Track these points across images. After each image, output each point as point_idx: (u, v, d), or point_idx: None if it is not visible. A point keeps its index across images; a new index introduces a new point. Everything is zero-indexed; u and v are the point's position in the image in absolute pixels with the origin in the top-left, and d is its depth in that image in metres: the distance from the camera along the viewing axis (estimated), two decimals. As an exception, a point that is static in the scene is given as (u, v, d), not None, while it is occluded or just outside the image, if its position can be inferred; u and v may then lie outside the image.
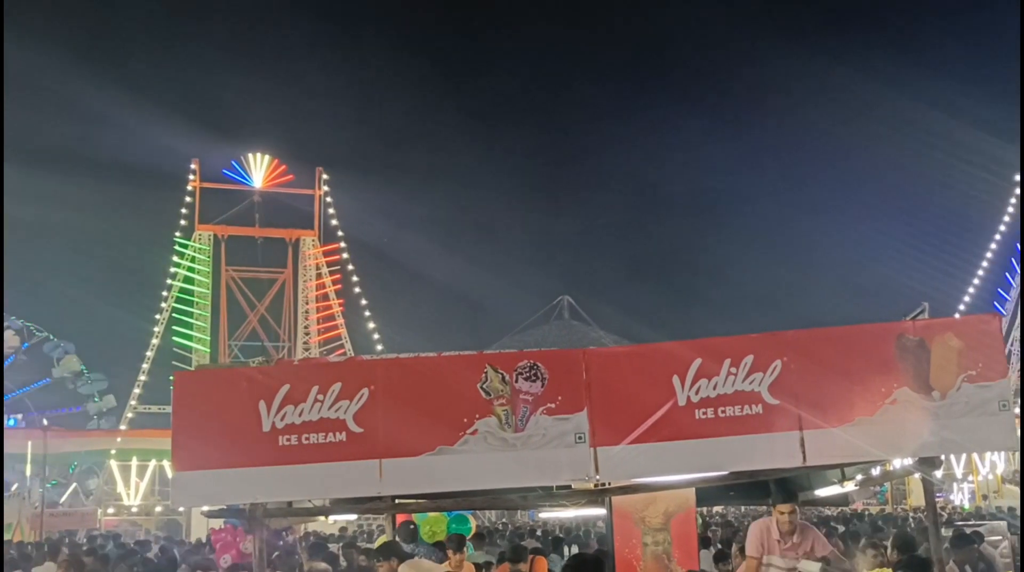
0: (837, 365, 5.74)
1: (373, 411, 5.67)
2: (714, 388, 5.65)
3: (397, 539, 10.64)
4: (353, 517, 29.13)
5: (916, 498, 39.69)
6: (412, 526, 11.02)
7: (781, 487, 8.01)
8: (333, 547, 16.27)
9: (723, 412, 5.63)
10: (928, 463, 5.97)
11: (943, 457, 6.64)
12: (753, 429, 5.63)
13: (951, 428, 5.62)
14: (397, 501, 6.95)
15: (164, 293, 53.05)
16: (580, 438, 5.60)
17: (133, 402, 50.27)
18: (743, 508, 33.45)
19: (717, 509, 32.42)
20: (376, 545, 11.85)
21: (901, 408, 5.63)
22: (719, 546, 12.47)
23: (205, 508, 6.62)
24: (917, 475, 6.24)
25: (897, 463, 6.72)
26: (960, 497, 47.65)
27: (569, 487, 6.52)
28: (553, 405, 5.65)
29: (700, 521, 11.51)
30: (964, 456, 41.48)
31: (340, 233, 56.93)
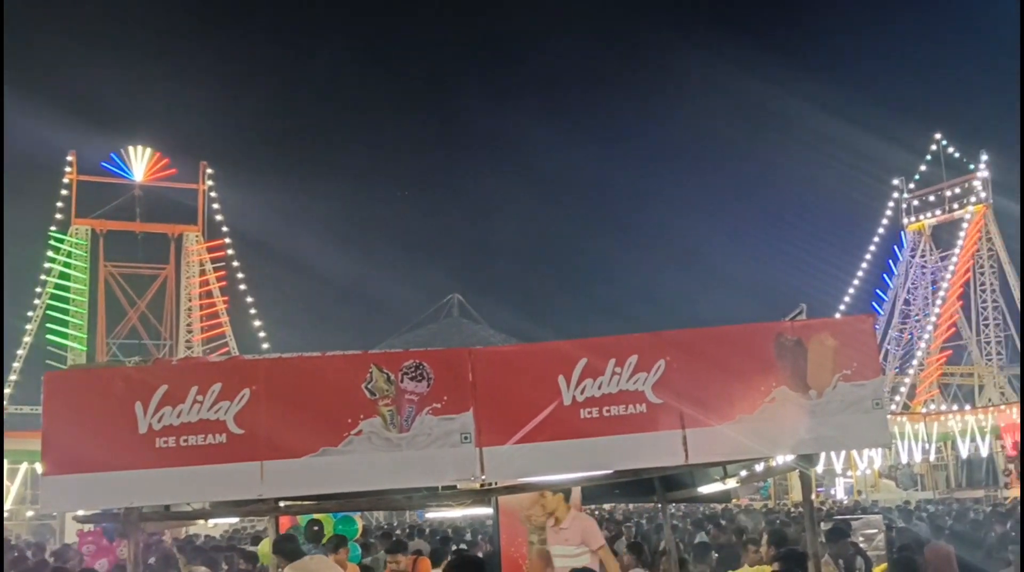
0: (719, 364, 5.80)
1: (255, 412, 5.52)
2: (599, 388, 5.66)
3: (303, 539, 10.49)
4: (235, 520, 28.66)
5: (798, 493, 40.82)
6: (317, 527, 10.90)
7: (662, 483, 8.12)
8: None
9: (608, 411, 5.65)
10: (807, 459, 6.10)
11: (822, 453, 6.77)
12: (637, 428, 5.66)
13: (827, 425, 5.73)
14: (281, 503, 6.82)
15: (38, 289, 51.31)
16: (466, 438, 5.56)
17: (4, 402, 48.43)
18: (631, 506, 33.96)
19: (607, 507, 32.82)
20: (260, 548, 11.66)
21: (780, 406, 5.72)
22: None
23: (79, 512, 6.39)
24: (798, 471, 6.38)
25: (779, 460, 6.85)
26: (839, 491, 49.39)
27: (455, 487, 6.48)
28: (439, 405, 5.59)
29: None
30: (843, 452, 42.86)
31: (225, 229, 55.95)
